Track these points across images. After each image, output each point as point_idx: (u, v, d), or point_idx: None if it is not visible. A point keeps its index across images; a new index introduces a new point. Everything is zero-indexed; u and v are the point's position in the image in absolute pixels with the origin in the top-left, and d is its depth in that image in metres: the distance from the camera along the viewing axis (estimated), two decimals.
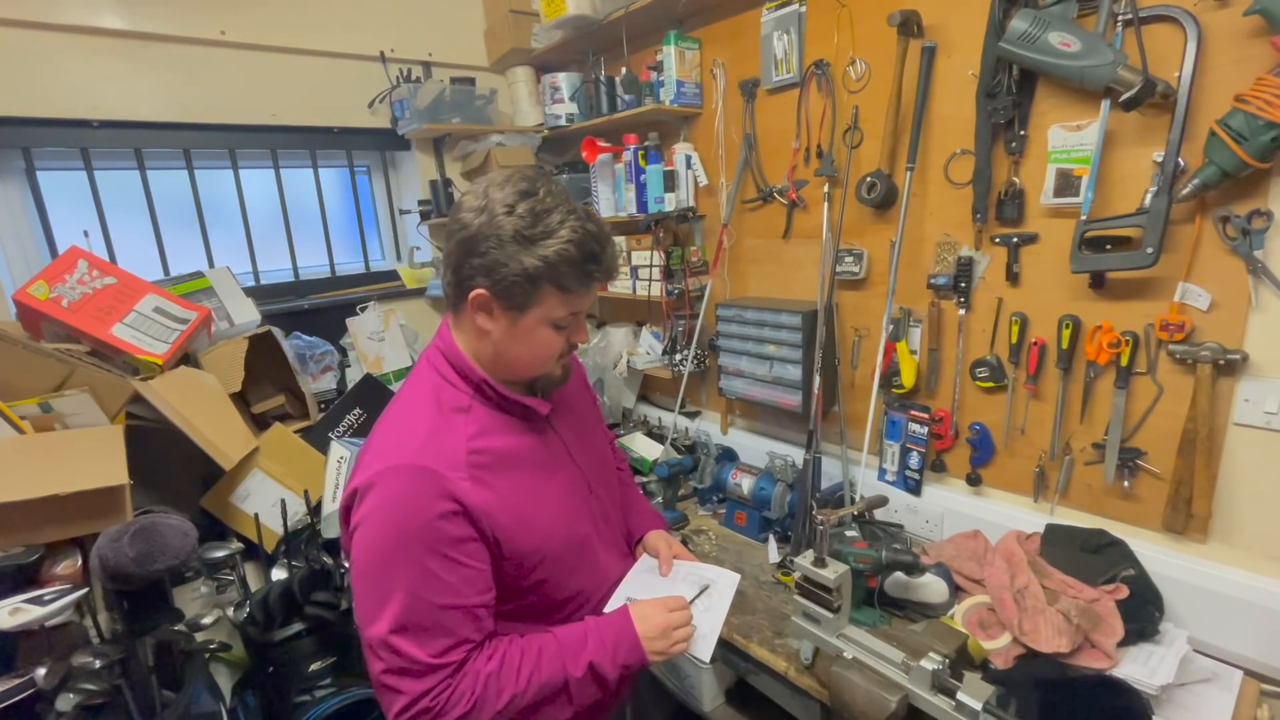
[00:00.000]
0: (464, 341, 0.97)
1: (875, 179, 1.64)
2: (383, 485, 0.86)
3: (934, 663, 1.08)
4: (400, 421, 0.94)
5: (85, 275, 1.63)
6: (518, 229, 0.85)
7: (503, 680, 0.88)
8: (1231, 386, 1.23)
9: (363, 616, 0.86)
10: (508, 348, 0.93)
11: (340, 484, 1.87)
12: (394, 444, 0.90)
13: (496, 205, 0.86)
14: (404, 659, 0.83)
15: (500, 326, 0.91)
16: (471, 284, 0.89)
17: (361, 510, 0.87)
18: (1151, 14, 1.20)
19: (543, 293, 0.89)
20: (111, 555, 1.32)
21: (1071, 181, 1.35)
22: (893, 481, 1.77)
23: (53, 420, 1.47)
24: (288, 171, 2.31)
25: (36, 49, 1.75)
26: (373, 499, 0.86)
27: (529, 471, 0.98)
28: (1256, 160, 1.08)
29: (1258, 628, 1.23)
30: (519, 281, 0.87)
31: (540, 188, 0.89)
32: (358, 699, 1.70)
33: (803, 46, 1.78)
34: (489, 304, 0.89)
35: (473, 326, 0.93)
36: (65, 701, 1.23)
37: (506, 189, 0.88)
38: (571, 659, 0.92)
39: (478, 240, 0.86)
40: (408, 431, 0.91)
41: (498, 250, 0.86)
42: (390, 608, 0.83)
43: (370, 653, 0.86)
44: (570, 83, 2.39)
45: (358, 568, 0.87)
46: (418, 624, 0.84)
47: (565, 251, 0.87)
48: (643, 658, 0.96)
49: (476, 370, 0.95)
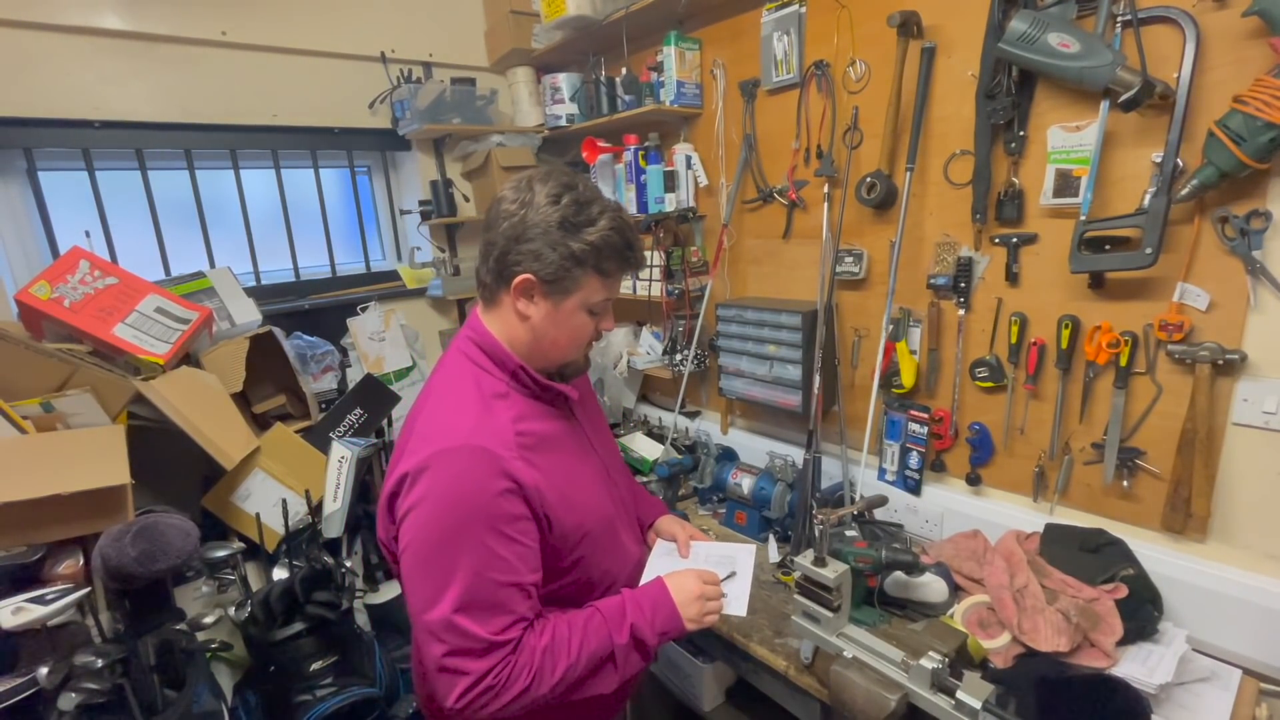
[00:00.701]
0: (499, 329, 1.00)
1: (875, 179, 1.65)
2: (438, 467, 0.88)
3: (934, 662, 1.09)
4: (445, 407, 0.96)
5: (87, 275, 1.63)
6: (564, 217, 0.92)
7: (556, 654, 0.91)
8: (1230, 386, 1.23)
9: (421, 600, 0.87)
10: (546, 331, 0.98)
11: (341, 484, 1.87)
12: (442, 428, 0.92)
13: (541, 197, 0.93)
14: (467, 638, 0.85)
15: (541, 311, 0.96)
16: (517, 270, 0.94)
17: (415, 494, 0.88)
18: (1150, 15, 1.21)
19: (585, 277, 0.95)
20: (113, 555, 1.33)
21: (1071, 182, 1.35)
22: (892, 481, 1.78)
23: (54, 420, 1.47)
24: (288, 172, 2.32)
25: (38, 49, 1.76)
26: (428, 481, 0.88)
27: (564, 455, 1.02)
28: (1255, 161, 1.09)
29: (1256, 627, 1.23)
30: (565, 266, 0.93)
31: (579, 182, 0.96)
32: (359, 698, 1.70)
33: (803, 47, 1.79)
34: (533, 289, 0.95)
35: (512, 313, 0.97)
36: (67, 701, 1.24)
37: (549, 183, 0.94)
38: (616, 629, 0.96)
39: (525, 228, 0.92)
40: (456, 416, 0.94)
41: (544, 237, 0.92)
42: (453, 588, 0.85)
43: (429, 638, 0.86)
44: (570, 83, 2.40)
45: (414, 551, 0.87)
46: (480, 602, 0.86)
47: (608, 237, 0.94)
48: (680, 625, 1.01)
49: (513, 357, 0.99)
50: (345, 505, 1.88)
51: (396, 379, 2.39)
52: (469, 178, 2.59)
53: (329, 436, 1.98)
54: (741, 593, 1.14)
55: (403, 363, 2.41)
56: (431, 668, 0.86)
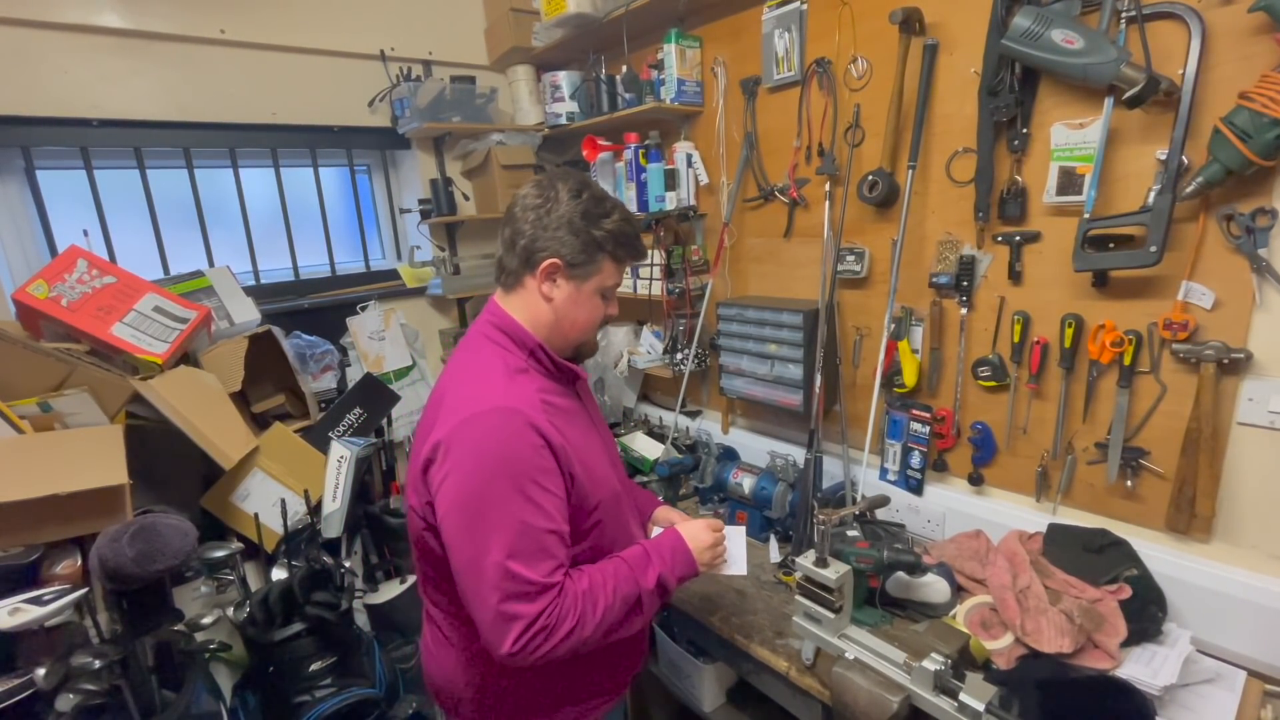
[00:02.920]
0: (521, 311, 1.09)
1: (877, 177, 1.64)
2: (475, 427, 0.95)
3: (936, 663, 1.08)
4: (472, 378, 1.04)
5: (85, 274, 1.62)
6: (586, 209, 1.04)
7: (595, 596, 0.98)
8: (1235, 386, 1.22)
9: (472, 553, 0.92)
10: (567, 312, 1.08)
11: (340, 484, 1.87)
12: (471, 396, 0.99)
13: (564, 193, 1.04)
14: (520, 583, 0.91)
15: (564, 293, 1.06)
16: (544, 255, 1.04)
17: (455, 456, 0.94)
18: (1155, 11, 1.20)
19: (603, 261, 1.07)
20: (111, 555, 1.32)
21: (1074, 179, 1.34)
22: (894, 481, 1.77)
23: (52, 420, 1.46)
24: (288, 170, 2.31)
25: (36, 48, 1.75)
26: (466, 442, 0.94)
27: (578, 429, 1.09)
28: (1261, 158, 1.08)
29: (1261, 628, 1.22)
30: (587, 250, 1.04)
31: (590, 181, 1.09)
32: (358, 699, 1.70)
33: (804, 44, 1.78)
34: (558, 271, 1.05)
35: (536, 295, 1.07)
36: (65, 702, 1.23)
37: (569, 181, 1.06)
38: (641, 574, 1.04)
39: (552, 218, 1.03)
40: (485, 384, 1.01)
41: (569, 225, 1.03)
42: (502, 536, 0.91)
43: (485, 587, 0.91)
44: (571, 81, 2.39)
45: (460, 508, 0.93)
46: (527, 549, 0.92)
47: (621, 227, 1.07)
48: (695, 569, 1.12)
49: (532, 336, 1.08)
50: (344, 505, 1.88)
51: (396, 378, 2.38)
52: (469, 176, 2.58)
53: (328, 436, 1.98)
54: (740, 555, 1.27)
55: (403, 362, 2.41)
56: (488, 617, 0.91)
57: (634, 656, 1.24)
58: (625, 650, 1.19)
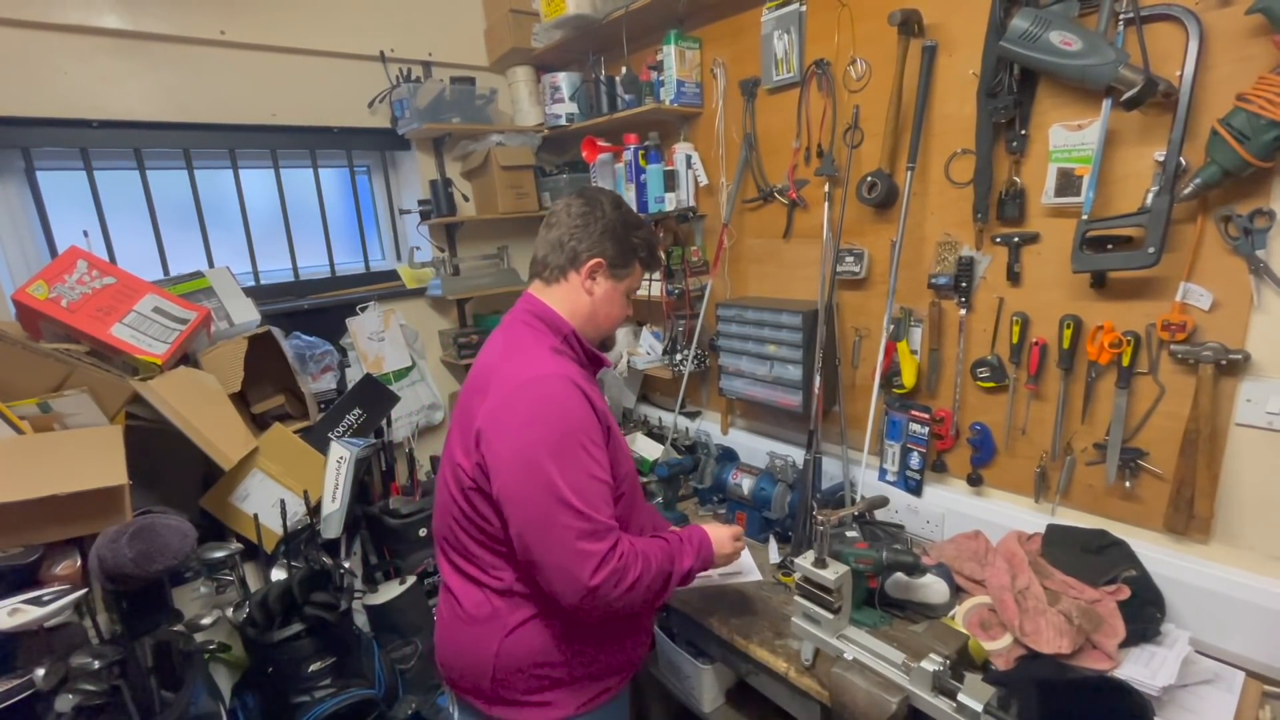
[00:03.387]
0: (560, 303, 1.20)
1: (876, 178, 1.64)
2: (532, 390, 1.05)
3: (935, 664, 1.08)
4: (520, 353, 1.13)
5: (85, 275, 1.63)
6: (625, 220, 1.22)
7: (649, 556, 1.08)
8: (1233, 387, 1.23)
9: (542, 501, 0.99)
10: (602, 306, 1.22)
11: (340, 484, 1.87)
12: (524, 366, 1.09)
13: (608, 205, 1.21)
14: (592, 522, 1.00)
15: (603, 289, 1.21)
16: (590, 255, 1.18)
17: (514, 417, 1.03)
18: (1153, 13, 1.20)
19: (634, 266, 1.24)
20: (110, 555, 1.32)
21: (1073, 181, 1.34)
22: (893, 482, 1.77)
23: (52, 420, 1.47)
24: (287, 171, 2.31)
25: (36, 49, 1.75)
26: (526, 403, 1.04)
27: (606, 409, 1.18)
28: (1259, 159, 1.08)
29: (1260, 629, 1.22)
30: (626, 254, 1.21)
31: (623, 200, 1.25)
32: (357, 699, 1.70)
33: (803, 46, 1.78)
34: (600, 270, 1.19)
35: (579, 289, 1.20)
36: (64, 702, 1.23)
37: (609, 195, 1.23)
38: (677, 556, 1.15)
39: (599, 225, 1.19)
40: (533, 358, 1.11)
41: (612, 232, 1.19)
42: (569, 484, 1.00)
43: (558, 530, 0.99)
44: (570, 82, 2.39)
45: (526, 464, 1.00)
46: (592, 495, 1.02)
47: (650, 239, 1.25)
48: (712, 562, 1.24)
49: (568, 323, 1.19)
50: (344, 506, 1.88)
51: (396, 379, 2.38)
52: (468, 177, 2.58)
53: (328, 437, 1.98)
54: (750, 566, 1.52)
55: (402, 363, 2.41)
56: (563, 559, 0.99)
57: (642, 634, 1.29)
58: (635, 627, 1.25)
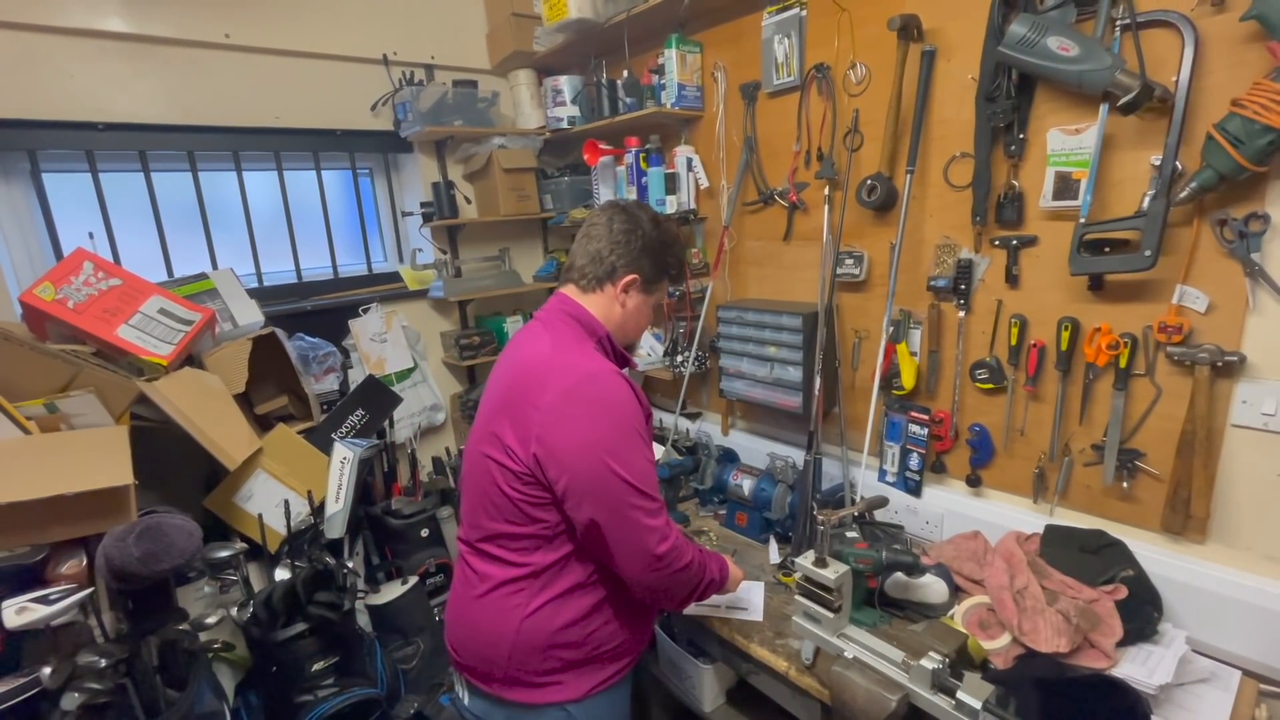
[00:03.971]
0: (596, 309, 1.24)
1: (875, 182, 1.65)
2: (594, 383, 1.10)
3: (934, 662, 1.09)
4: (568, 347, 1.17)
5: (91, 277, 1.64)
6: (663, 239, 1.26)
7: (694, 550, 1.18)
8: (1229, 388, 1.24)
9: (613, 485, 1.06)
10: (631, 317, 1.27)
11: (343, 484, 1.88)
12: (579, 359, 1.14)
13: (647, 223, 1.24)
14: (654, 501, 1.09)
15: (635, 302, 1.26)
16: (626, 271, 1.23)
17: (580, 406, 1.08)
18: (1149, 19, 1.21)
19: (664, 282, 1.30)
20: (117, 554, 1.33)
21: (1070, 184, 1.36)
22: (893, 482, 1.78)
23: (58, 421, 1.47)
24: (290, 173, 2.32)
25: (42, 52, 1.77)
26: (590, 395, 1.09)
27: None
28: (1253, 164, 1.09)
29: (1256, 628, 1.23)
30: (659, 271, 1.26)
31: (660, 218, 1.29)
32: (360, 699, 1.71)
33: (803, 50, 1.79)
34: (635, 285, 1.24)
35: (613, 301, 1.24)
36: (70, 700, 1.24)
37: (646, 212, 1.27)
38: (709, 568, 1.23)
39: (638, 243, 1.23)
40: (583, 353, 1.16)
41: (649, 251, 1.24)
42: (632, 468, 1.07)
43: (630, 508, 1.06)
44: (572, 85, 2.40)
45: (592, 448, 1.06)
46: (650, 479, 1.09)
47: (680, 256, 1.31)
48: (727, 586, 1.31)
49: (603, 326, 1.24)
50: (347, 506, 1.89)
51: (398, 380, 2.39)
52: (470, 179, 2.59)
53: (331, 437, 1.99)
54: (756, 606, 1.56)
55: (404, 364, 2.42)
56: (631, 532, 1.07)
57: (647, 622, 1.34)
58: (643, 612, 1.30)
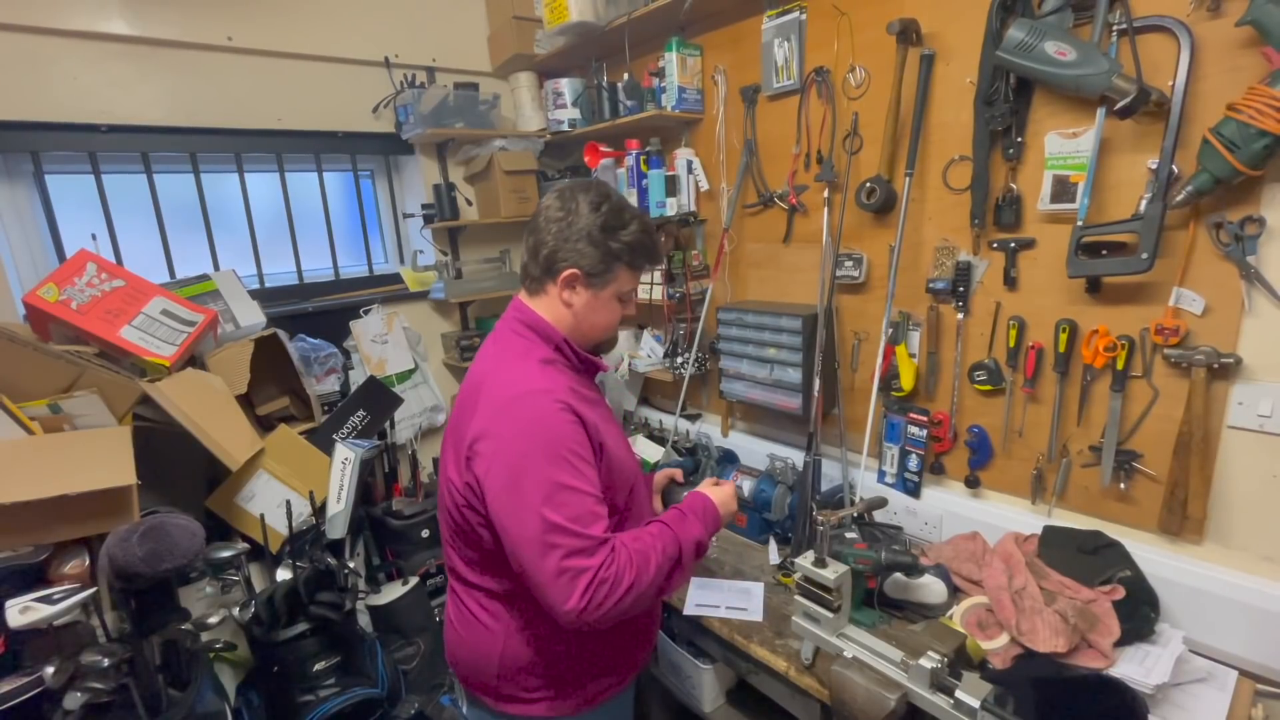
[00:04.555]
0: (545, 312, 1.15)
1: (874, 184, 1.66)
2: (515, 409, 1.01)
3: (933, 662, 1.10)
4: (507, 366, 1.10)
5: (94, 278, 1.64)
6: (604, 222, 1.09)
7: (647, 553, 1.02)
8: (1226, 390, 1.25)
9: (527, 521, 0.96)
10: (586, 316, 1.14)
11: (345, 485, 1.89)
12: (510, 381, 1.06)
13: (584, 205, 1.10)
14: (579, 539, 0.96)
15: (582, 299, 1.13)
16: (564, 265, 1.10)
17: (499, 438, 1.00)
18: (1145, 24, 1.22)
19: (619, 270, 1.13)
20: (120, 554, 1.34)
21: (1068, 187, 1.37)
22: (892, 483, 1.79)
23: (62, 421, 1.48)
24: (292, 175, 2.33)
25: (45, 54, 1.77)
26: (509, 424, 1.01)
27: (602, 416, 1.15)
28: (1249, 167, 1.10)
29: (1253, 628, 1.24)
30: (605, 261, 1.11)
31: (611, 192, 1.14)
32: (361, 699, 1.71)
33: (803, 53, 1.80)
34: (577, 280, 1.11)
35: (557, 301, 1.13)
36: (72, 700, 1.25)
37: (590, 193, 1.11)
38: (681, 532, 1.10)
39: (572, 230, 1.09)
40: (520, 372, 1.07)
41: (588, 238, 1.09)
42: (555, 502, 0.96)
43: (544, 549, 0.95)
44: (573, 88, 2.41)
45: (511, 485, 0.98)
46: (578, 512, 0.97)
47: (639, 238, 1.13)
48: (720, 523, 1.20)
49: (558, 331, 1.14)
50: (348, 506, 1.89)
51: (399, 381, 2.40)
52: (471, 181, 2.60)
53: (332, 438, 1.99)
54: (757, 605, 1.54)
55: (405, 365, 2.43)
56: (551, 578, 0.94)
57: (645, 636, 1.28)
58: (638, 630, 1.24)
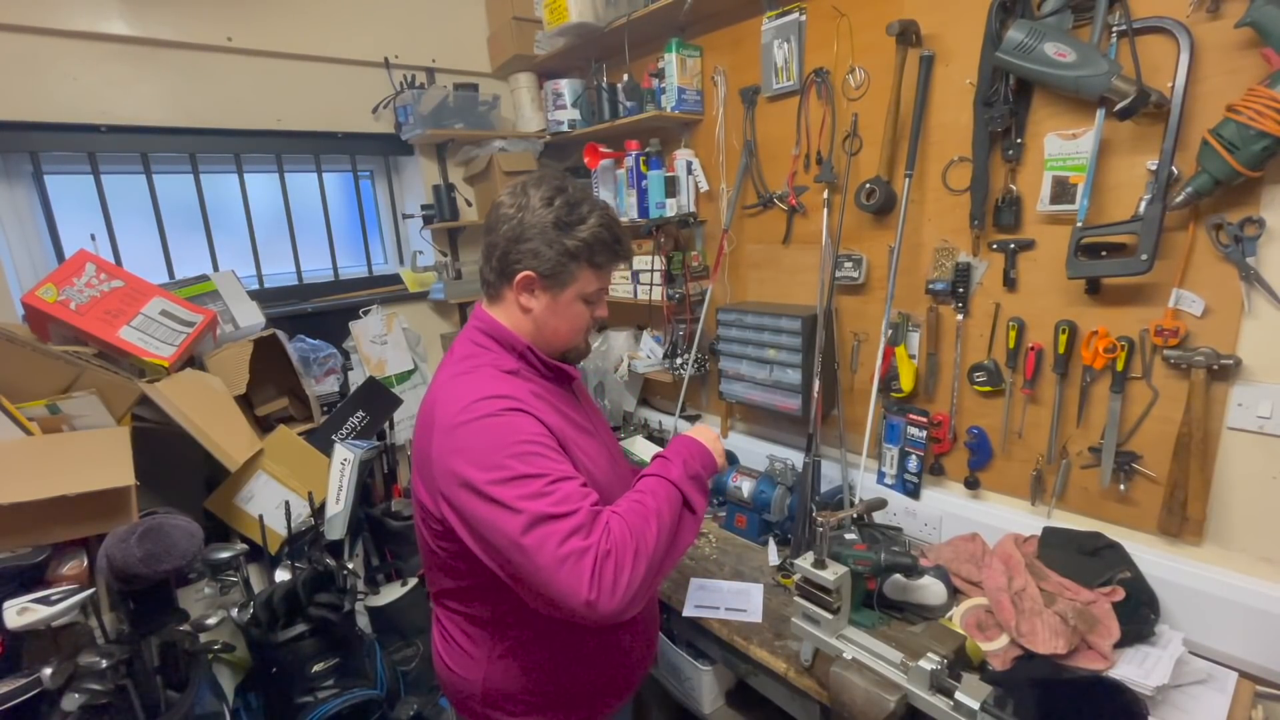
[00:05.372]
0: (506, 320, 1.08)
1: (874, 185, 1.66)
2: (467, 430, 0.93)
3: (932, 663, 1.10)
4: (454, 387, 1.01)
5: (93, 278, 1.64)
6: (558, 218, 1.01)
7: (643, 511, 0.94)
8: (1225, 391, 1.25)
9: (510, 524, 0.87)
10: (547, 321, 1.07)
11: (344, 486, 1.89)
12: (465, 391, 0.98)
13: (536, 201, 1.02)
14: (568, 520, 0.87)
15: (541, 303, 1.05)
16: (518, 268, 1.03)
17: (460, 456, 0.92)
18: (1145, 25, 1.22)
19: (579, 270, 1.04)
20: (119, 555, 1.33)
21: (1067, 189, 1.37)
22: (891, 485, 1.79)
23: (60, 422, 1.48)
24: (292, 175, 2.33)
25: (45, 54, 1.77)
26: (464, 439, 0.93)
27: (571, 426, 1.07)
28: (1248, 169, 1.10)
29: (1252, 629, 1.24)
30: (561, 261, 1.02)
31: (569, 185, 1.05)
32: (359, 700, 1.71)
33: (803, 55, 1.80)
34: (533, 284, 1.04)
35: (515, 306, 1.06)
36: (70, 701, 1.24)
37: (543, 187, 1.03)
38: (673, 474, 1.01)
39: (524, 229, 1.01)
40: (474, 384, 0.99)
41: (541, 237, 1.01)
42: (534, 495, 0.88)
43: (538, 542, 0.86)
44: (572, 89, 2.42)
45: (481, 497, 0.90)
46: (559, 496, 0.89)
47: (598, 234, 1.04)
48: (713, 462, 1.09)
49: (521, 339, 1.07)
50: (347, 507, 1.89)
51: (398, 382, 2.40)
52: (471, 182, 2.60)
53: (331, 439, 1.99)
54: (756, 606, 1.53)
55: (404, 366, 2.43)
56: (553, 571, 0.85)
57: (643, 655, 1.24)
58: (633, 648, 1.19)
